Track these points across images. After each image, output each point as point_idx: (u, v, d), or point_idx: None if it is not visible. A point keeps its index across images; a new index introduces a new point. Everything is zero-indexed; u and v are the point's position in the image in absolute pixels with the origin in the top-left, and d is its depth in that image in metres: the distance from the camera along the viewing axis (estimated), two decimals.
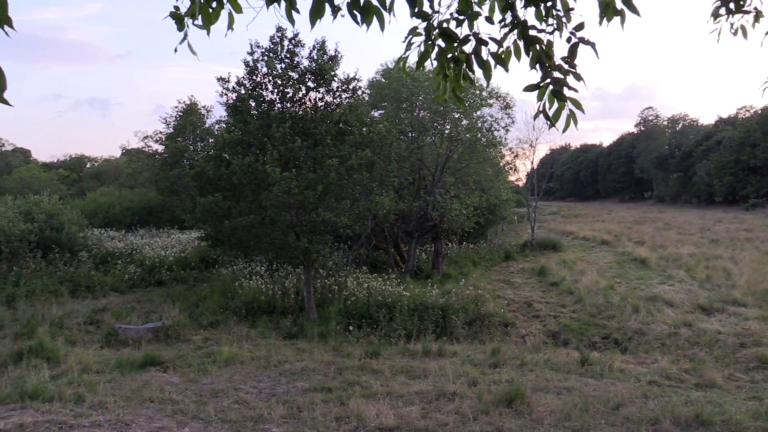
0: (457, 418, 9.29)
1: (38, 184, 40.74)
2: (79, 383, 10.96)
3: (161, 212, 34.46)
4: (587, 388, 10.64)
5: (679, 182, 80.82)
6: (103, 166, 60.23)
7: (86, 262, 21.87)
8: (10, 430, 8.83)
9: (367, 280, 18.33)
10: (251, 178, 15.47)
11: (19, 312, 16.63)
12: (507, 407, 9.61)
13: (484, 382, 11.09)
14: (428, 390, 10.64)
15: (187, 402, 10.04)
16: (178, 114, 34.51)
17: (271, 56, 17.12)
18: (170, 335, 14.57)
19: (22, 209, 22.88)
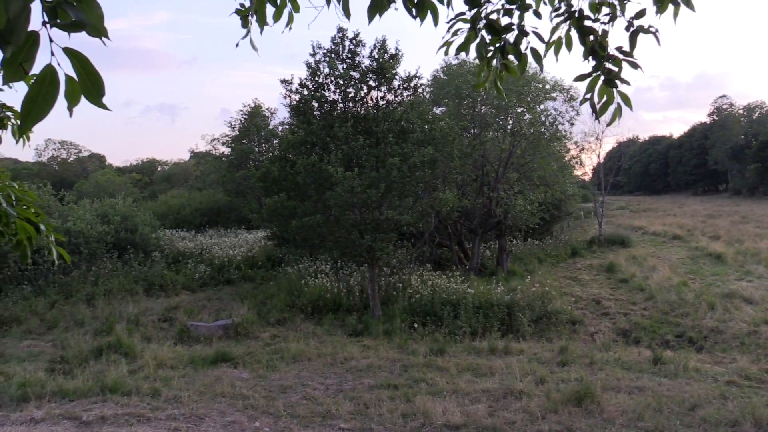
0: (525, 416, 9.17)
1: (113, 187, 42.53)
2: (155, 378, 11.40)
3: (228, 213, 35.39)
4: (661, 388, 10.31)
5: (757, 173, 77.00)
6: (173, 170, 62.35)
7: (159, 262, 22.71)
8: (93, 421, 9.27)
9: (431, 278, 18.29)
10: (315, 178, 15.70)
11: (98, 310, 17.42)
12: (576, 406, 9.43)
13: (552, 380, 10.90)
14: (495, 388, 10.55)
15: (257, 397, 10.29)
16: (243, 117, 35.35)
17: (332, 57, 17.32)
18: (239, 332, 14.96)
19: (99, 212, 23.93)
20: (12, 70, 1.27)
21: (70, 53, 1.30)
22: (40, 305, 17.68)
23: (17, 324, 16.40)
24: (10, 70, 1.27)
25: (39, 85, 1.29)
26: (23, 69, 1.29)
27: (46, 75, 1.30)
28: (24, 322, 16.49)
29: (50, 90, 1.31)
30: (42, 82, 1.29)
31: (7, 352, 13.82)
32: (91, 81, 1.36)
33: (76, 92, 1.36)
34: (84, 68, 1.34)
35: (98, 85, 1.36)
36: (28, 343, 14.78)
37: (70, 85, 1.35)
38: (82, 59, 1.32)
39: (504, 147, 23.00)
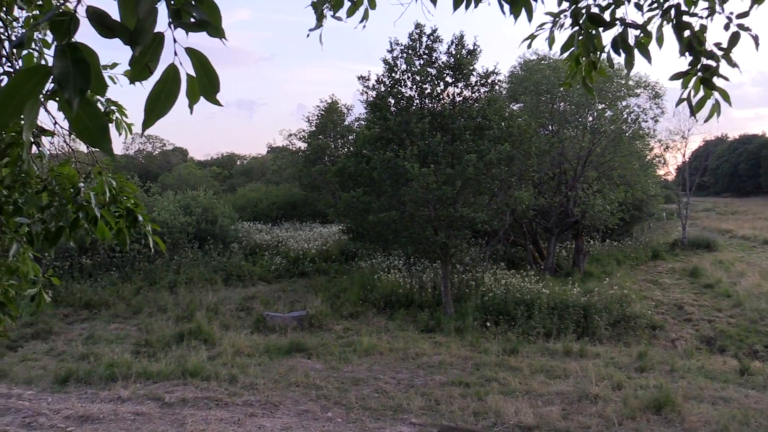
0: (600, 421, 8.94)
1: (194, 180, 43.99)
2: (233, 365, 11.78)
3: (304, 207, 36.02)
4: (748, 400, 9.81)
5: None
6: (251, 164, 63.93)
7: (237, 253, 23.39)
8: (174, 403, 9.68)
9: (505, 277, 18.06)
10: (391, 174, 15.78)
11: (179, 297, 18.13)
12: (655, 414, 9.12)
13: (630, 386, 10.57)
14: (569, 391, 10.33)
15: (330, 388, 10.47)
16: (320, 113, 35.86)
17: (409, 53, 17.34)
18: (313, 324, 15.25)
19: (182, 203, 24.83)
20: (138, 69, 1.35)
21: (191, 53, 1.37)
22: (127, 291, 18.57)
23: (106, 308, 17.30)
24: (137, 70, 1.35)
25: (162, 83, 1.36)
26: (149, 68, 1.35)
27: (169, 73, 1.36)
28: (112, 306, 17.37)
29: (173, 88, 1.37)
30: (165, 81, 1.36)
31: (96, 333, 14.60)
32: (208, 79, 1.42)
33: (196, 90, 1.42)
34: (203, 67, 1.40)
35: (214, 83, 1.43)
36: (116, 326, 15.56)
37: (191, 83, 1.41)
38: (201, 58, 1.38)
39: (583, 145, 22.39)
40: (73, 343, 13.66)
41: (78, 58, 1.28)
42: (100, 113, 1.38)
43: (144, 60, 1.34)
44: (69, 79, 1.26)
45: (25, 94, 1.28)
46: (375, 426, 8.81)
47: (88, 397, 10.09)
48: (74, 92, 1.26)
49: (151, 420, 8.88)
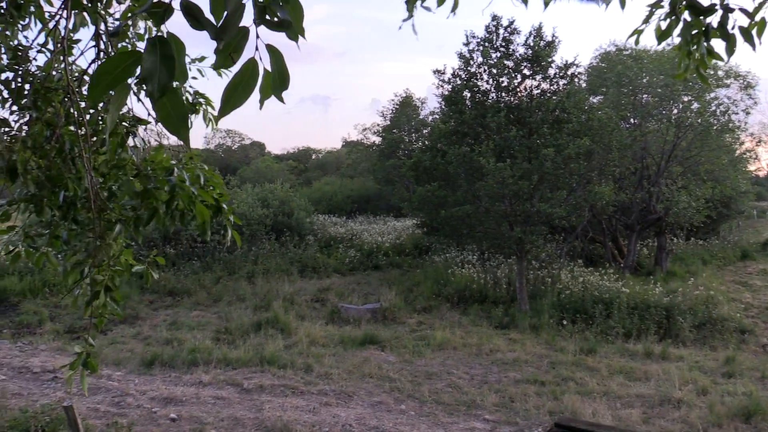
0: (683, 427, 8.60)
1: (271, 173, 45.03)
2: (308, 354, 12.03)
3: (378, 200, 36.28)
4: None
5: None
6: (326, 158, 64.92)
7: (312, 245, 23.85)
8: (252, 389, 9.98)
9: (583, 274, 17.59)
10: (466, 168, 15.67)
11: (257, 287, 18.65)
12: (744, 422, 8.68)
13: (716, 392, 10.10)
14: (650, 394, 9.98)
15: (403, 381, 10.52)
16: (394, 107, 35.97)
17: (486, 46, 17.12)
18: (387, 317, 15.35)
19: (260, 196, 25.51)
20: (223, 58, 1.41)
21: (270, 50, 1.42)
22: (207, 280, 19.26)
23: (188, 295, 18.01)
24: (221, 59, 1.41)
25: (241, 75, 1.42)
26: (232, 58, 1.41)
27: (248, 67, 1.42)
28: (193, 294, 18.06)
29: (250, 81, 1.43)
30: (244, 73, 1.42)
31: (179, 320, 15.22)
32: (280, 76, 1.46)
33: (269, 86, 1.47)
34: (277, 64, 1.45)
35: (285, 81, 1.48)
36: (197, 313, 16.16)
37: (266, 79, 1.46)
38: (278, 55, 1.43)
39: (667, 138, 21.45)
40: (157, 329, 14.29)
41: (166, 53, 1.35)
42: (181, 102, 1.45)
43: (228, 51, 1.40)
44: (155, 74, 1.34)
45: (117, 74, 1.37)
46: (448, 420, 8.80)
47: (171, 380, 10.54)
48: (158, 87, 1.35)
49: (230, 404, 9.18)
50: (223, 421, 8.40)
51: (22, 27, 3.28)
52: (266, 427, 8.18)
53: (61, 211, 3.16)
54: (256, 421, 8.36)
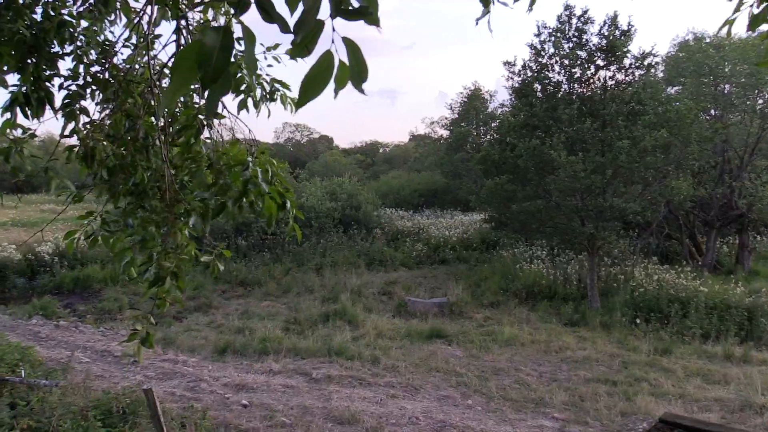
0: None
1: (339, 167, 45.55)
2: (375, 346, 12.12)
3: (445, 194, 36.11)
4: None
5: None
6: (394, 151, 65.12)
7: (380, 239, 24.01)
8: (321, 379, 10.14)
9: (657, 272, 16.96)
10: (536, 162, 15.37)
11: (325, 279, 18.94)
12: None
13: None
14: (729, 398, 9.55)
15: (470, 376, 10.45)
16: (462, 100, 35.66)
17: (558, 36, 16.71)
18: (453, 311, 15.28)
19: (328, 190, 25.89)
20: (298, 49, 1.46)
21: (346, 42, 1.44)
22: (277, 271, 19.71)
23: (258, 286, 18.49)
24: (297, 49, 1.46)
25: (317, 67, 1.45)
26: (307, 49, 1.46)
27: (325, 59, 1.45)
28: (264, 285, 18.53)
29: (326, 73, 1.46)
30: (320, 65, 1.45)
31: (250, 309, 15.64)
32: (358, 68, 1.48)
33: (344, 77, 1.49)
34: (354, 56, 1.46)
35: (363, 73, 1.49)
36: (267, 303, 16.56)
37: (341, 70, 1.48)
38: (355, 48, 1.45)
39: (751, 131, 20.36)
40: (230, 317, 14.73)
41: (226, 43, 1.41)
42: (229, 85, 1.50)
43: (304, 43, 1.44)
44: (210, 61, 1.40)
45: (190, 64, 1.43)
46: (516, 417, 8.69)
47: (243, 367, 10.85)
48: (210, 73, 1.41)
49: (299, 393, 9.37)
50: (293, 410, 8.57)
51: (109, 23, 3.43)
52: (334, 416, 8.30)
53: (132, 198, 3.30)
54: (324, 411, 8.49)
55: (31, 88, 3.17)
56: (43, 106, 3.24)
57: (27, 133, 2.98)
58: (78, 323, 14.14)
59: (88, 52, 3.35)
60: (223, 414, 8.28)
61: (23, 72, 3.09)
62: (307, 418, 8.25)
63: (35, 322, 14.01)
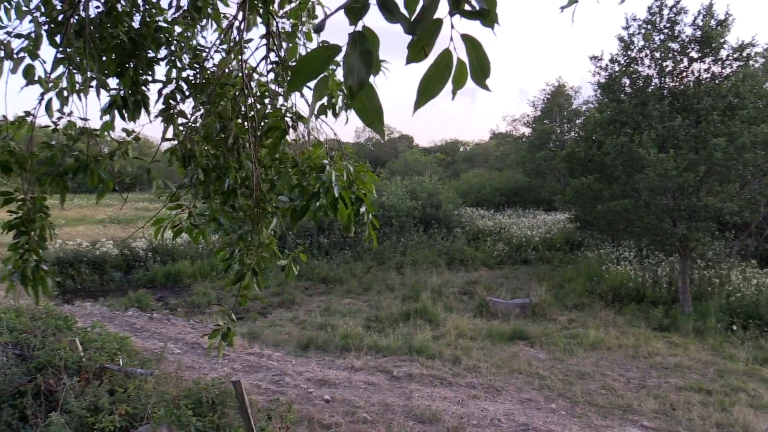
0: None
1: (419, 166, 45.54)
2: (456, 346, 12.05)
3: (527, 193, 35.44)
4: None
5: None
6: (474, 150, 64.50)
7: (460, 238, 23.84)
8: (402, 377, 10.17)
9: (757, 276, 15.98)
10: (624, 160, 14.83)
11: (405, 277, 19.00)
12: None
13: None
14: None
15: (554, 379, 10.21)
16: (545, 96, 34.91)
17: (648, 28, 16.05)
18: (536, 312, 14.97)
19: (408, 189, 25.95)
20: (415, 52, 1.44)
21: (466, 39, 1.41)
22: (358, 269, 19.94)
23: (340, 283, 18.76)
24: (414, 52, 1.44)
25: (436, 66, 1.43)
26: (424, 52, 1.43)
27: (443, 58, 1.43)
28: (345, 282, 18.78)
29: (444, 72, 1.44)
30: (439, 65, 1.43)
31: (332, 306, 15.88)
32: (480, 64, 1.46)
33: (462, 76, 1.47)
34: (476, 52, 1.44)
35: (485, 68, 1.46)
36: (348, 301, 16.78)
37: (459, 69, 1.45)
38: (476, 44, 1.42)
39: None
40: (312, 314, 15.02)
41: (364, 49, 1.40)
42: (376, 96, 1.49)
43: (421, 44, 1.41)
44: (355, 69, 1.39)
45: (316, 66, 1.46)
46: (602, 424, 8.41)
47: (325, 363, 11.04)
48: (357, 81, 1.40)
49: (380, 390, 9.43)
50: (374, 406, 8.64)
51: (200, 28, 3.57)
52: (415, 415, 8.31)
53: (222, 197, 3.42)
54: (405, 409, 8.51)
55: (128, 92, 3.34)
56: (139, 110, 3.42)
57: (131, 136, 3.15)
58: (170, 316, 14.80)
59: (181, 56, 3.50)
60: (306, 408, 8.45)
61: (122, 76, 3.26)
62: (388, 416, 8.29)
63: (131, 314, 14.79)
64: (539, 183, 32.18)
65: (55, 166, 2.87)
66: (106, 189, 2.99)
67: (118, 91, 3.27)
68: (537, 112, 35.45)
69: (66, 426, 6.50)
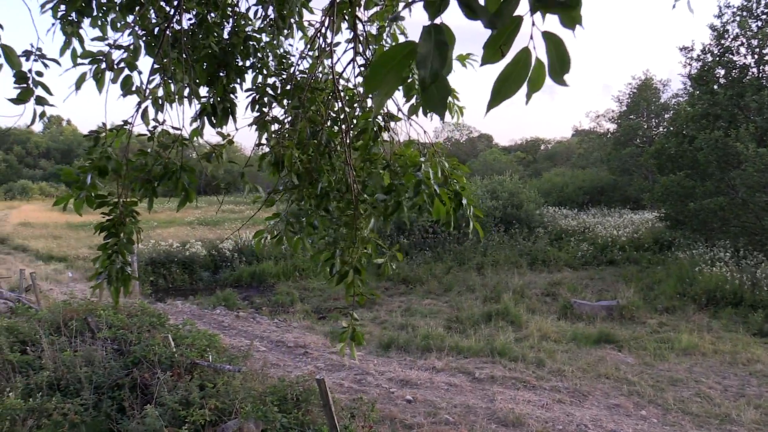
0: None
1: (500, 165, 44.97)
2: (539, 349, 11.77)
3: (612, 192, 34.28)
4: None
5: None
6: (556, 148, 63.07)
7: (542, 238, 23.32)
8: (484, 379, 10.04)
9: None
10: (719, 155, 14.10)
11: (486, 278, 18.76)
12: None
13: None
14: None
15: (644, 385, 9.81)
16: (631, 91, 33.70)
17: (744, 15, 15.18)
18: (624, 315, 14.42)
19: (488, 188, 25.65)
20: (491, 52, 1.38)
21: (547, 36, 1.35)
22: (438, 270, 19.86)
23: (420, 284, 18.75)
24: (490, 52, 1.38)
25: (513, 66, 1.38)
26: (501, 52, 1.37)
27: (521, 57, 1.37)
28: (425, 283, 18.75)
29: (522, 72, 1.38)
30: (516, 64, 1.37)
31: (412, 307, 15.88)
32: (559, 60, 1.38)
33: (540, 78, 1.40)
34: (557, 50, 1.37)
35: (564, 64, 1.39)
36: (429, 301, 16.73)
37: (537, 70, 1.39)
38: (557, 41, 1.36)
39: None
40: (393, 314, 15.07)
41: (440, 39, 1.35)
42: (447, 85, 1.44)
43: (498, 43, 1.36)
44: (428, 60, 1.34)
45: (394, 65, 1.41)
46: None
47: (406, 363, 11.04)
48: (429, 72, 1.35)
49: (462, 392, 9.35)
50: (456, 408, 8.57)
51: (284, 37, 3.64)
52: (498, 417, 8.18)
53: (316, 200, 3.48)
54: (488, 411, 8.40)
55: (217, 100, 3.46)
56: (226, 117, 3.54)
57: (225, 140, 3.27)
58: (255, 314, 15.24)
59: (267, 64, 3.60)
60: (388, 408, 8.48)
61: (213, 85, 3.38)
62: (470, 418, 8.20)
63: (218, 312, 15.33)
64: (625, 181, 31.10)
65: (145, 172, 3.00)
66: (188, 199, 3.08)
67: (208, 99, 3.39)
68: (622, 107, 34.30)
69: (160, 418, 6.79)
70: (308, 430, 6.73)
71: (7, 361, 8.16)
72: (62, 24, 3.15)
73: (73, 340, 9.00)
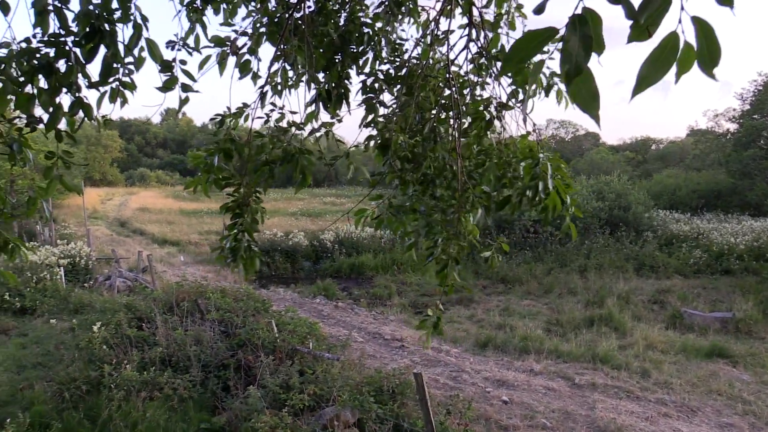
0: None
1: (607, 165, 43.28)
2: (644, 358, 11.25)
3: (730, 196, 32.06)
4: None
5: None
6: (669, 148, 59.80)
7: (651, 242, 22.23)
8: (584, 386, 9.72)
9: None
10: None
11: (589, 282, 18.11)
12: None
13: None
14: None
15: (761, 405, 9.18)
16: (756, 89, 31.38)
17: None
18: (740, 329, 13.49)
19: (594, 189, 24.74)
20: (638, 31, 1.36)
21: (697, 21, 1.29)
22: (538, 270, 19.41)
23: (519, 284, 18.40)
24: (637, 32, 1.36)
25: (660, 50, 1.33)
26: (648, 32, 1.34)
27: (669, 41, 1.32)
28: (525, 283, 18.37)
29: (669, 56, 1.33)
30: (663, 48, 1.33)
31: (510, 307, 15.61)
32: (709, 50, 1.33)
33: (689, 60, 1.34)
34: (707, 37, 1.32)
35: (715, 56, 1.34)
36: (528, 302, 16.39)
37: (685, 53, 1.33)
38: (707, 28, 1.30)
39: None
40: (490, 313, 14.88)
41: (584, 33, 1.33)
42: (592, 81, 1.41)
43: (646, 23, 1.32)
44: (573, 53, 1.34)
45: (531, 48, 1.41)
46: None
47: (503, 363, 10.87)
48: (574, 66, 1.32)
49: (560, 397, 9.08)
50: (554, 413, 8.35)
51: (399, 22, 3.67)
52: (598, 426, 7.89)
53: (422, 186, 3.47)
54: (587, 419, 8.12)
55: (332, 85, 3.54)
56: (340, 102, 3.61)
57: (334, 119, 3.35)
58: (353, 305, 15.51)
59: (381, 50, 3.64)
60: (483, 407, 8.38)
61: (330, 70, 3.46)
62: (569, 424, 7.96)
63: (318, 301, 15.73)
64: (746, 185, 29.02)
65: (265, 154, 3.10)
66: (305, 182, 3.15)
67: (323, 85, 3.47)
68: (745, 106, 32.00)
69: (262, 399, 7.04)
70: (403, 422, 6.76)
71: (125, 335, 8.75)
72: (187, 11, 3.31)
73: (184, 320, 9.52)
